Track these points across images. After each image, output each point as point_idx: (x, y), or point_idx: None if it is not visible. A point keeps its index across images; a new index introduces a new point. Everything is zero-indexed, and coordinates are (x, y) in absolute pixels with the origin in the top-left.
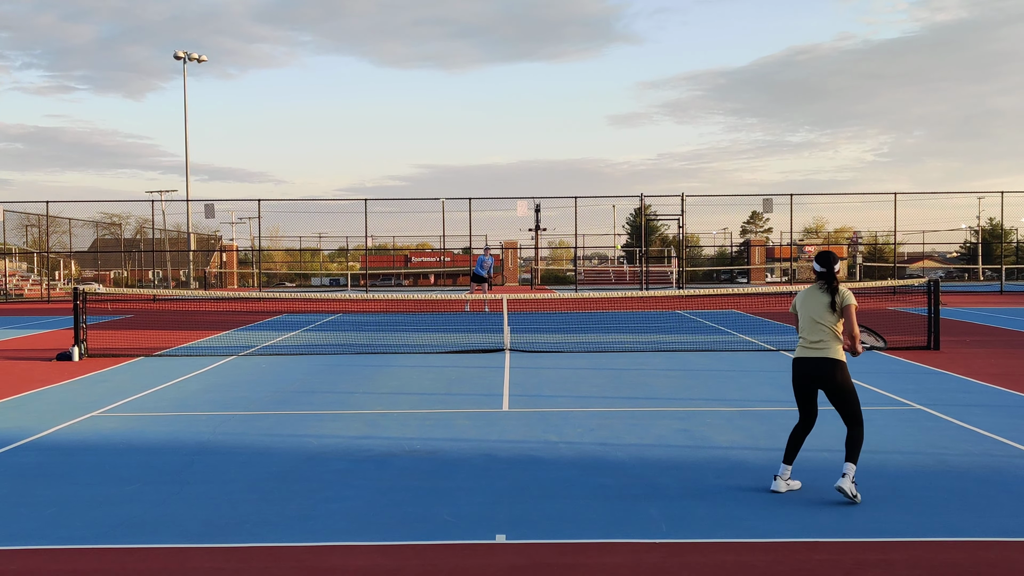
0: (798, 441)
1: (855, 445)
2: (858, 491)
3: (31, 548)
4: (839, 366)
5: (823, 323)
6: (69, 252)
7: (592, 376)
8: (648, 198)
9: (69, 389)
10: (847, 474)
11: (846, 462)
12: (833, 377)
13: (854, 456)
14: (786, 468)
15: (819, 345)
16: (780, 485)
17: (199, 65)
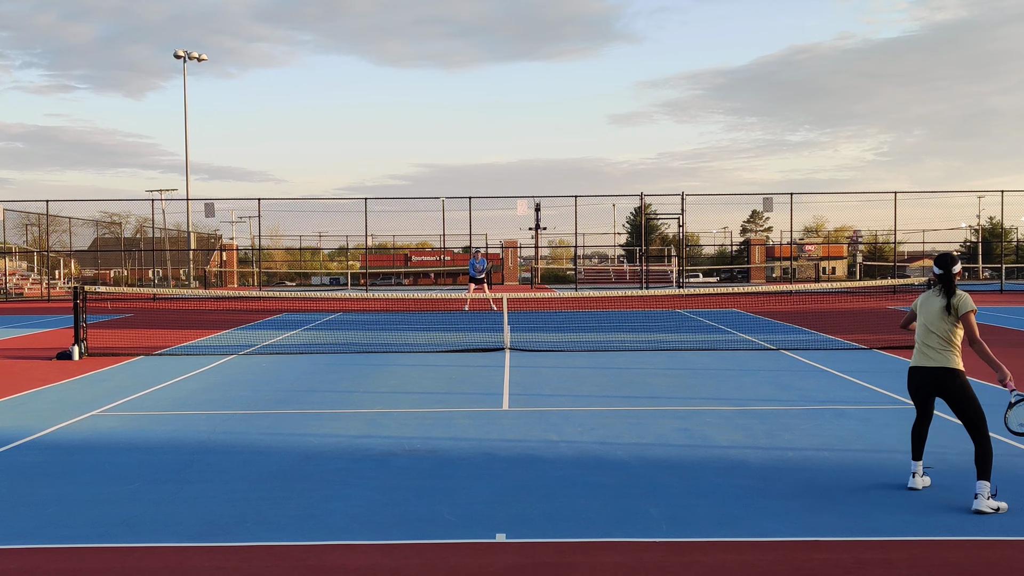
0: (921, 436)
1: (982, 460)
2: (999, 500)
3: (31, 547)
4: (953, 375)
5: (935, 331)
6: (69, 251)
7: (592, 375)
8: (648, 197)
9: (69, 388)
10: (979, 494)
11: (977, 480)
12: (948, 386)
13: (984, 472)
14: (917, 464)
15: (931, 353)
16: (917, 482)
17: (199, 64)
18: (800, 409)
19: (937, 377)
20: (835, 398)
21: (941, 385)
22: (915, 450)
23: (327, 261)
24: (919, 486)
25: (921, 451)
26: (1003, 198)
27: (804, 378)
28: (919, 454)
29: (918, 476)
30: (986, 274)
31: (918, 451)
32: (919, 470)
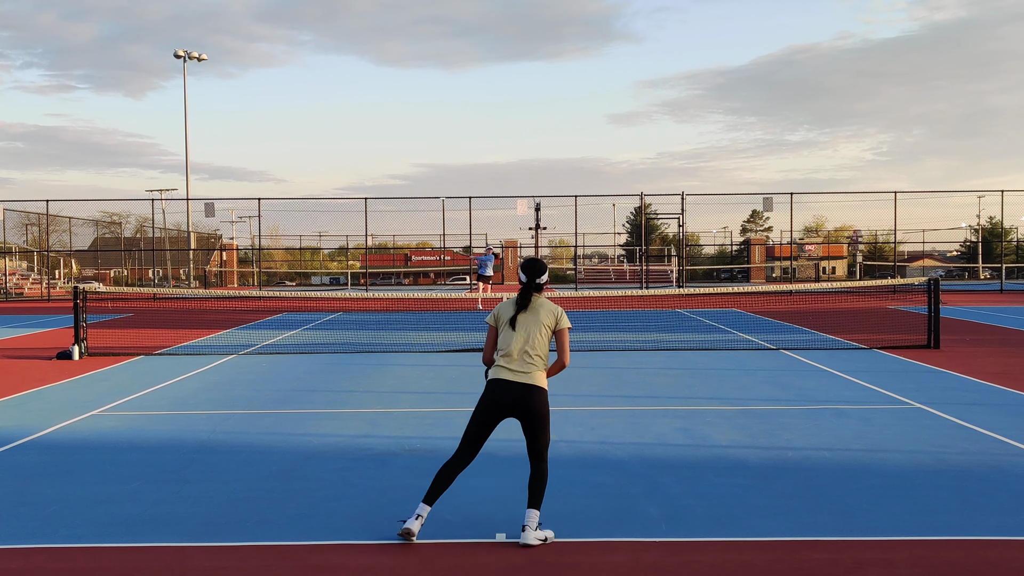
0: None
1: (538, 486)
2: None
3: (31, 547)
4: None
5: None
6: (69, 251)
7: (592, 375)
8: (648, 197)
9: (69, 388)
10: (527, 525)
11: (528, 508)
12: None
13: (536, 500)
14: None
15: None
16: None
17: (199, 64)
18: (800, 409)
19: (519, 395)
20: (835, 398)
21: (523, 404)
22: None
23: (327, 261)
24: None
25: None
26: (1003, 198)
27: (804, 378)
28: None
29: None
30: (986, 274)
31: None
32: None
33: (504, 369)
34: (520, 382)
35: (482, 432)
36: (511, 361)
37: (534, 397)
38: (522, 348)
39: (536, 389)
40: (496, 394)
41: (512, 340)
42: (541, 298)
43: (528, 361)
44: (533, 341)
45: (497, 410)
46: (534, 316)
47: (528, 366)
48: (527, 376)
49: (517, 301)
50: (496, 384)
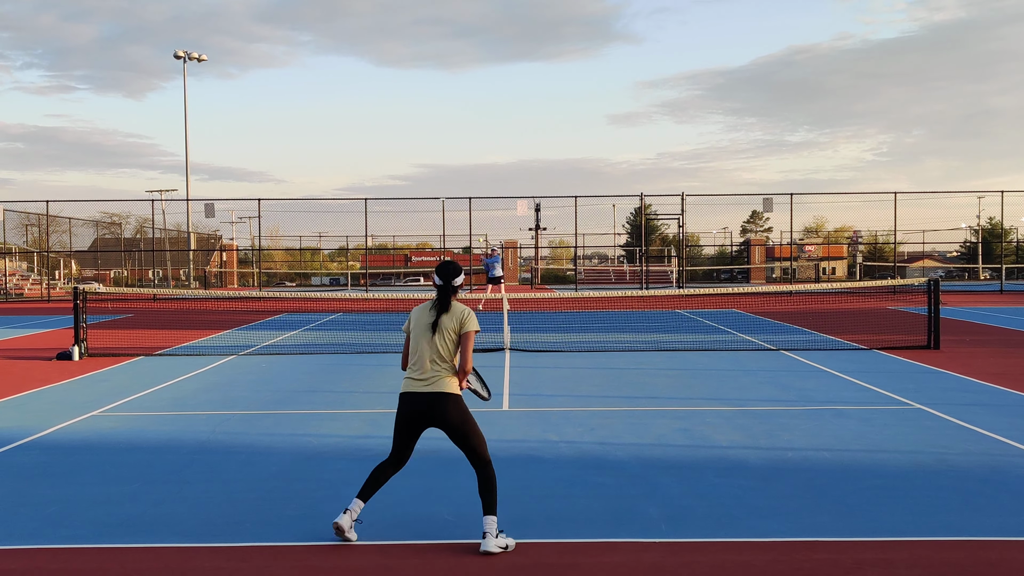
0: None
1: (487, 491)
2: (507, 537)
3: (32, 547)
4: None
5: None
6: (69, 251)
7: (592, 375)
8: (648, 197)
9: (69, 388)
10: (487, 532)
11: (484, 516)
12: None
13: (491, 506)
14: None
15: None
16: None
17: (199, 65)
18: (800, 409)
19: (430, 406)
20: (835, 398)
21: (438, 415)
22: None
23: (327, 261)
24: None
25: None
26: (1003, 198)
27: (804, 378)
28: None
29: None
30: (986, 274)
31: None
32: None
33: (412, 380)
34: (429, 392)
35: (406, 443)
36: (421, 371)
37: (445, 405)
38: (431, 356)
39: (446, 397)
40: (409, 407)
41: (422, 347)
42: (453, 301)
43: (436, 369)
44: (440, 347)
45: (414, 422)
46: (448, 318)
47: (435, 374)
48: (435, 385)
49: (435, 305)
50: (407, 398)
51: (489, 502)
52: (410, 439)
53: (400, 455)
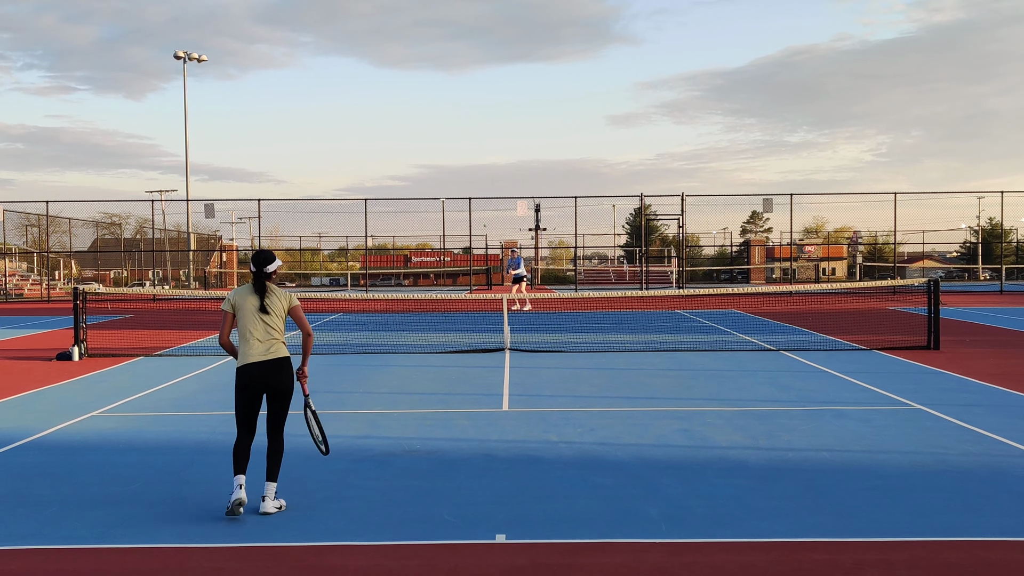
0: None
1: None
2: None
3: (31, 548)
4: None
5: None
6: (69, 252)
7: (592, 376)
8: (648, 198)
9: (69, 389)
10: (266, 496)
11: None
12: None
13: (274, 473)
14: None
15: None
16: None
17: (199, 66)
18: (800, 410)
19: (272, 371)
20: (835, 399)
21: (275, 379)
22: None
23: (327, 262)
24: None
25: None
26: (1003, 199)
27: (804, 379)
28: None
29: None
30: (986, 275)
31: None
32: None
33: (253, 354)
34: (270, 359)
35: (251, 413)
36: (258, 345)
37: (285, 370)
38: (265, 331)
39: (285, 361)
40: (251, 376)
41: (254, 325)
42: (271, 285)
43: (272, 340)
44: (275, 322)
45: (256, 390)
46: (270, 301)
47: (273, 344)
48: (274, 352)
49: (254, 290)
50: (248, 368)
51: (274, 468)
52: (253, 409)
53: (249, 428)
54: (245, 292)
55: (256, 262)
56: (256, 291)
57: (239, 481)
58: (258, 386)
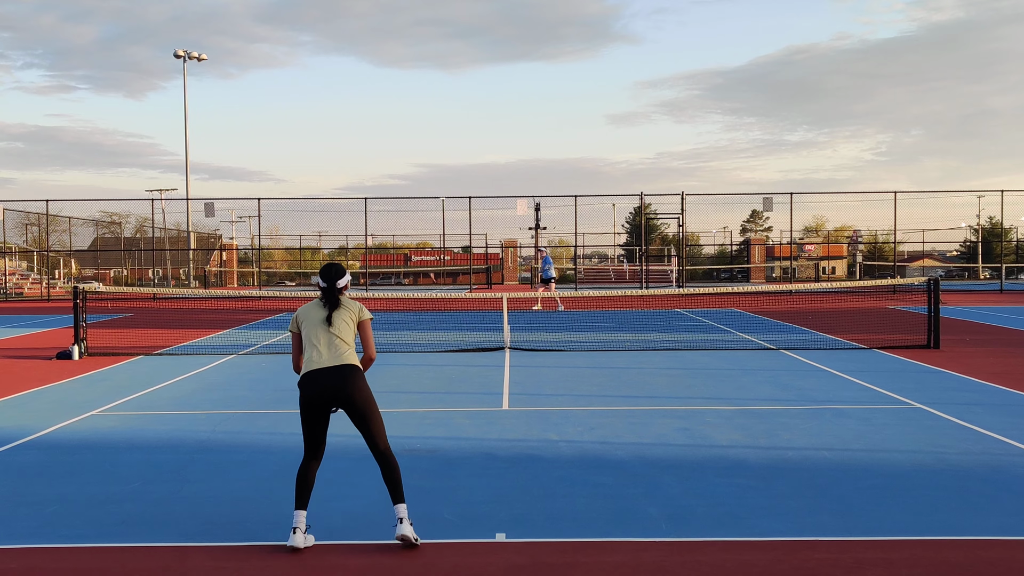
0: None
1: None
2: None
3: (32, 547)
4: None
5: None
6: (69, 251)
7: (592, 375)
8: (648, 197)
9: (69, 388)
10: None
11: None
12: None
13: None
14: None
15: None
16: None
17: (200, 65)
18: (800, 409)
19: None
20: (835, 398)
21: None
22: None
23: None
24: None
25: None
26: (1003, 198)
27: (804, 378)
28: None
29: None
30: (986, 274)
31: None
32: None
33: (314, 362)
34: (336, 365)
35: (316, 429)
36: (321, 354)
37: (350, 376)
38: (329, 340)
39: (352, 367)
40: (313, 385)
41: (318, 336)
42: (343, 297)
43: (337, 348)
44: (341, 333)
45: (320, 401)
46: (338, 314)
47: (338, 352)
48: (339, 359)
49: (323, 304)
50: (309, 376)
51: (396, 490)
52: (319, 424)
53: (316, 448)
54: (312, 307)
55: (325, 276)
56: (325, 305)
57: (296, 520)
58: (323, 397)
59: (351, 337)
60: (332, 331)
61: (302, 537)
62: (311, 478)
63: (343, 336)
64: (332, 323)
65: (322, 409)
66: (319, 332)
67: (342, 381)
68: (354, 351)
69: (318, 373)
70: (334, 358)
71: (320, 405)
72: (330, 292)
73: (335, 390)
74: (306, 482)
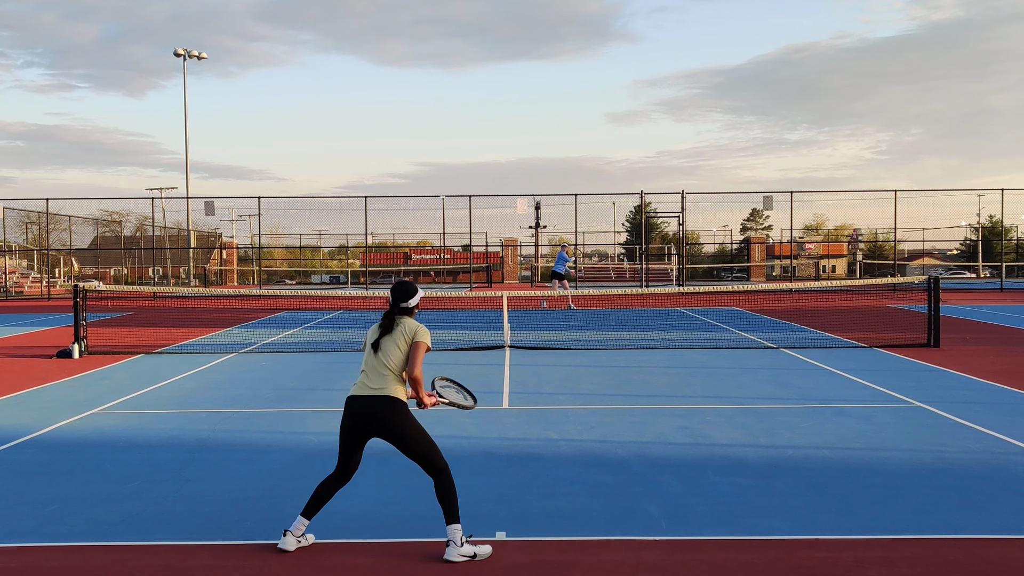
0: (329, 490)
1: (446, 498)
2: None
3: (32, 545)
4: (394, 405)
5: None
6: (69, 249)
7: (592, 374)
8: (648, 196)
9: (69, 386)
10: (452, 541)
11: (447, 524)
12: (389, 420)
13: (452, 513)
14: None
15: (370, 382)
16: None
17: (200, 63)
18: (800, 407)
19: (370, 408)
20: (835, 396)
21: (377, 417)
22: (310, 504)
23: (327, 259)
24: (290, 548)
25: (316, 510)
26: (1003, 196)
27: (804, 376)
28: (312, 512)
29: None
30: (986, 273)
31: (314, 508)
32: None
33: (356, 387)
34: (371, 395)
35: (350, 452)
36: (363, 380)
37: (384, 408)
38: (373, 366)
39: (387, 399)
40: (348, 411)
41: (367, 359)
42: (404, 318)
43: (380, 375)
44: (387, 358)
45: (355, 427)
46: (392, 335)
47: (380, 380)
48: (378, 389)
49: (380, 323)
50: (350, 401)
51: (449, 509)
52: (352, 447)
53: (345, 467)
54: (375, 327)
55: (393, 295)
56: (381, 325)
57: (295, 524)
58: (357, 424)
59: (399, 363)
60: (379, 356)
61: (293, 541)
62: (329, 493)
63: (389, 363)
64: (379, 348)
65: (355, 435)
66: (367, 356)
67: (373, 412)
68: (399, 379)
69: (354, 400)
70: (374, 387)
71: (354, 431)
72: (388, 314)
73: (367, 421)
74: (322, 494)
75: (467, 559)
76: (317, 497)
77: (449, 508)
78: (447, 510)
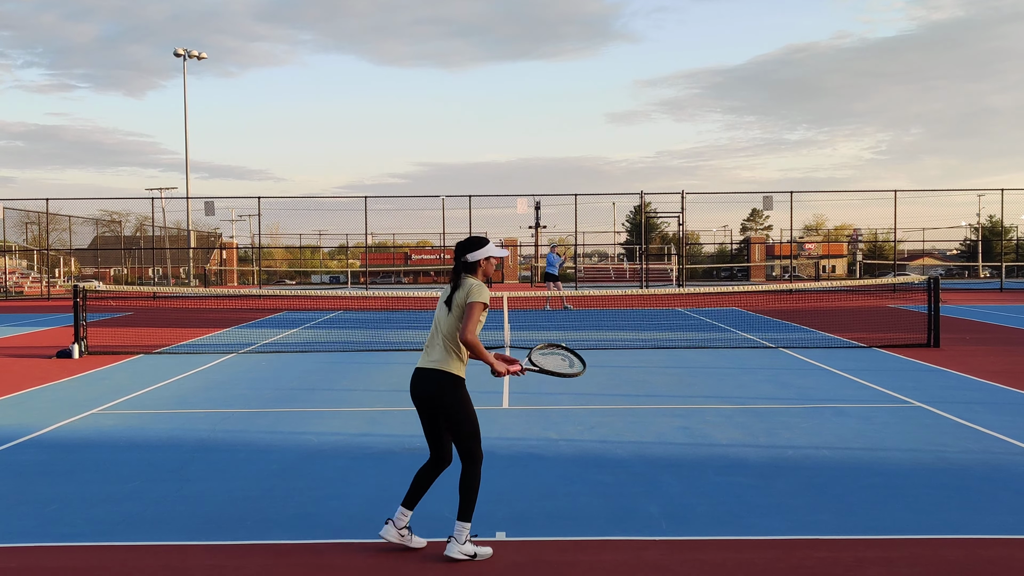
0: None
1: (466, 493)
2: (479, 547)
3: (32, 546)
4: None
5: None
6: (69, 249)
7: (592, 373)
8: (648, 195)
9: (69, 386)
10: (455, 537)
11: (457, 520)
12: (443, 396)
13: (466, 510)
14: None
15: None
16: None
17: (200, 63)
18: (800, 407)
19: (422, 380)
20: (835, 396)
21: (427, 390)
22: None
23: (327, 259)
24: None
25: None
26: (1003, 196)
27: (804, 376)
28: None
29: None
30: (986, 273)
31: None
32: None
33: (421, 356)
34: (423, 367)
35: (428, 432)
36: (426, 347)
37: (430, 385)
38: (432, 334)
39: (434, 374)
40: (411, 386)
41: (432, 326)
42: (469, 279)
43: (435, 344)
44: (440, 322)
45: (418, 405)
46: (449, 298)
47: (433, 350)
48: (430, 362)
49: (451, 283)
50: (412, 375)
51: (465, 503)
52: (428, 424)
53: (433, 447)
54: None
55: (456, 248)
56: (452, 286)
57: (397, 514)
58: (416, 402)
59: (451, 328)
60: (437, 321)
61: (393, 532)
62: (427, 481)
63: (442, 328)
64: (439, 311)
65: (421, 413)
66: (433, 322)
67: (423, 388)
68: (454, 347)
69: (414, 374)
70: (428, 358)
71: (419, 409)
72: (454, 271)
73: (420, 397)
74: (420, 483)
75: (467, 558)
76: (416, 487)
77: (466, 503)
78: (463, 504)
